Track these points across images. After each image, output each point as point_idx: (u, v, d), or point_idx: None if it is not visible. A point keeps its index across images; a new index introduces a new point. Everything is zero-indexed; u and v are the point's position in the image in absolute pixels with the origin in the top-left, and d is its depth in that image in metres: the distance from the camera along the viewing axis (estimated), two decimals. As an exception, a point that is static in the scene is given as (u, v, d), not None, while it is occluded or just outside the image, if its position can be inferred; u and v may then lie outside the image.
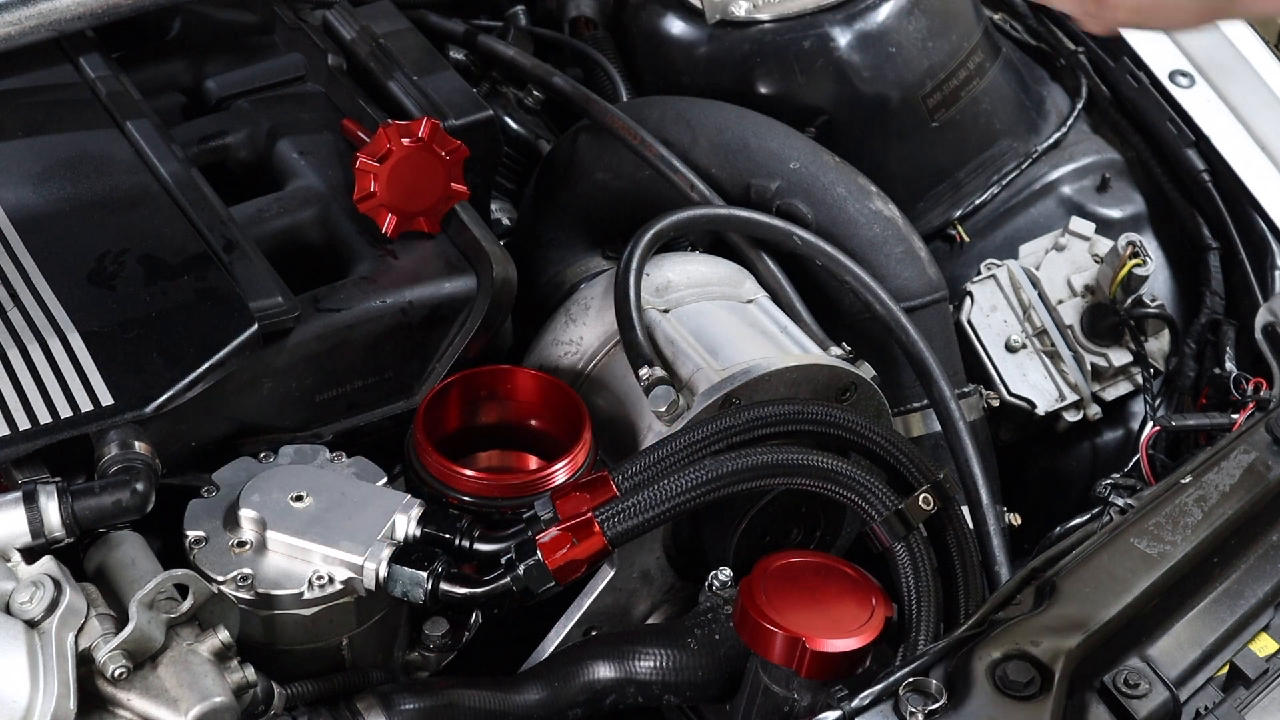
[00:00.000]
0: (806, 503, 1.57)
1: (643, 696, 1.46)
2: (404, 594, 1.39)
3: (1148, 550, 1.33)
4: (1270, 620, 1.34)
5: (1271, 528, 1.40)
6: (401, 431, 1.57)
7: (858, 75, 1.96)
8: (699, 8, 1.98)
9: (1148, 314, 1.96)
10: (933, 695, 1.21)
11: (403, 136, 1.61)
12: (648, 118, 1.85)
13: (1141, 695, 1.25)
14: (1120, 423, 2.01)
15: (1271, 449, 1.44)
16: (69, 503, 1.34)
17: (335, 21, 1.85)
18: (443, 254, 1.66)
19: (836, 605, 1.38)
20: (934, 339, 1.76)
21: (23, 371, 1.44)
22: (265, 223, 1.68)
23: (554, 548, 1.38)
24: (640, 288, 1.63)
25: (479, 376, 1.60)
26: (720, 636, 1.46)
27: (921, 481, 1.47)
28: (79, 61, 1.76)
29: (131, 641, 1.25)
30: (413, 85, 1.76)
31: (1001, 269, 1.97)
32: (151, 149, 1.66)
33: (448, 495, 1.49)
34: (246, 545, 1.41)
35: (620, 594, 1.55)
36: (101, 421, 1.41)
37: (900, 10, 1.98)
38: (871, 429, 1.50)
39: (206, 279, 1.54)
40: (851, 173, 1.81)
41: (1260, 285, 2.01)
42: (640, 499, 1.40)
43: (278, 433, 1.57)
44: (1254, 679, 1.31)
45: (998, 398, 1.91)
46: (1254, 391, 1.78)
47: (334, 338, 1.58)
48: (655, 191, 1.81)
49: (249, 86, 1.86)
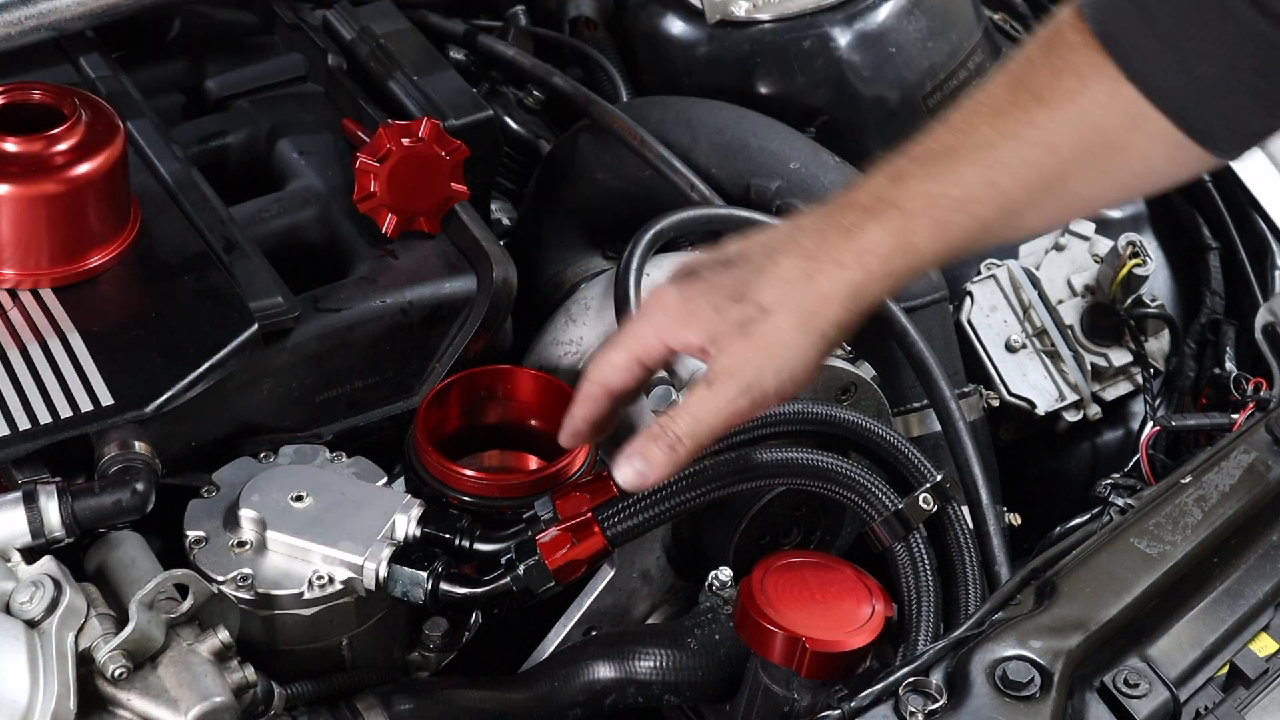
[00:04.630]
0: (806, 503, 1.57)
1: (643, 696, 1.46)
2: (404, 594, 1.39)
3: (1148, 550, 1.33)
4: (1270, 620, 1.35)
5: (1271, 528, 1.40)
6: (401, 431, 1.57)
7: (858, 75, 1.96)
8: (699, 8, 1.98)
9: (1148, 314, 1.96)
10: (933, 695, 1.21)
11: (403, 136, 1.61)
12: (648, 118, 1.85)
13: (1141, 695, 1.25)
14: (1120, 423, 2.01)
15: (1271, 449, 1.44)
16: (69, 503, 1.34)
17: (335, 21, 1.85)
18: (443, 254, 1.66)
19: (836, 605, 1.37)
20: (934, 339, 1.75)
21: (23, 371, 1.44)
22: (265, 223, 1.68)
23: (554, 548, 1.39)
24: (640, 288, 1.63)
25: (479, 376, 1.60)
26: (720, 636, 1.46)
27: (921, 482, 1.47)
28: (79, 61, 1.76)
29: (131, 641, 1.25)
30: (413, 85, 1.76)
31: (1001, 269, 1.97)
32: (151, 149, 1.66)
33: (448, 495, 1.49)
34: (246, 545, 1.41)
35: (620, 594, 1.55)
36: (101, 421, 1.41)
37: (900, 10, 1.97)
38: (871, 429, 1.50)
39: (206, 279, 1.54)
40: (851, 173, 1.81)
41: (1260, 285, 2.01)
42: (640, 499, 1.40)
43: (278, 433, 1.57)
44: (1254, 679, 1.31)
45: (998, 398, 1.91)
46: (1254, 391, 1.78)
47: (334, 338, 1.58)
48: (655, 191, 1.81)
49: (249, 86, 1.86)
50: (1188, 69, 1.20)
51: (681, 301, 1.29)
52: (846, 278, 1.24)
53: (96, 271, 1.52)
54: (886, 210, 1.25)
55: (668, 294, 1.31)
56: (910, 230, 1.24)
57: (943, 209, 1.24)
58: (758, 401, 1.27)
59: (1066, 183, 1.25)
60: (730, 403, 1.26)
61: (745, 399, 1.26)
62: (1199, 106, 1.21)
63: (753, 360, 1.25)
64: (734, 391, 1.26)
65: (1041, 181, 1.24)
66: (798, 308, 1.25)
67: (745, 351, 1.26)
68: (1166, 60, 1.20)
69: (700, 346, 1.28)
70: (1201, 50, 1.19)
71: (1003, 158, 1.24)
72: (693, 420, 1.27)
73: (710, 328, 1.27)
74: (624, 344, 1.33)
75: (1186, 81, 1.20)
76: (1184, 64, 1.20)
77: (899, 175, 1.26)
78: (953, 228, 1.25)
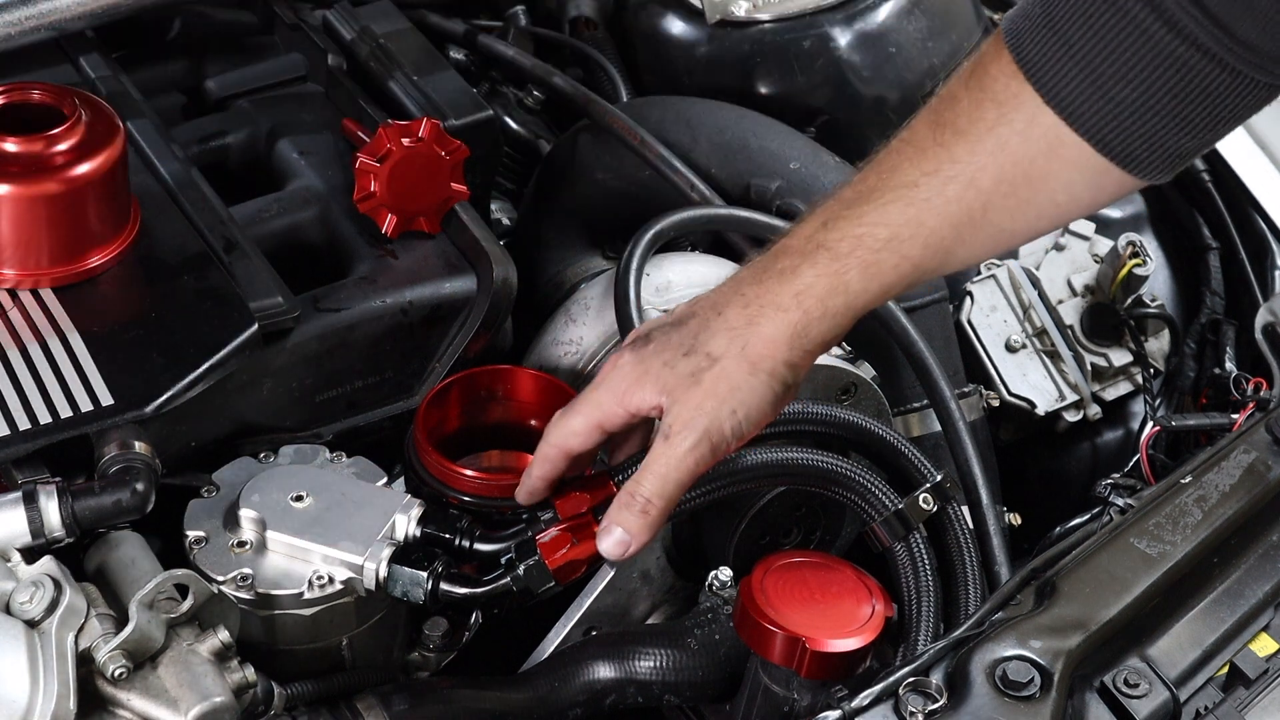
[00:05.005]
0: (806, 503, 1.57)
1: (643, 696, 1.46)
2: (404, 594, 1.39)
3: (1148, 550, 1.33)
4: (1270, 620, 1.35)
5: (1271, 528, 1.40)
6: (401, 431, 1.57)
7: (858, 75, 1.96)
8: (699, 8, 1.98)
9: (1148, 314, 1.96)
10: (933, 695, 1.21)
11: (403, 136, 1.61)
12: (648, 118, 1.85)
13: (1141, 695, 1.25)
14: (1120, 423, 2.01)
15: (1271, 449, 1.44)
16: (69, 503, 1.34)
17: (335, 21, 1.85)
18: (443, 254, 1.66)
19: (836, 605, 1.37)
20: (934, 339, 1.75)
21: (23, 371, 1.44)
22: (265, 223, 1.68)
23: (554, 548, 1.38)
24: (640, 288, 1.63)
25: (479, 376, 1.60)
26: (720, 636, 1.46)
27: (922, 482, 1.47)
28: (79, 61, 1.76)
29: (131, 641, 1.25)
30: (413, 85, 1.76)
31: (1001, 269, 1.97)
32: (151, 149, 1.66)
33: (448, 495, 1.49)
34: (246, 545, 1.41)
35: (620, 594, 1.55)
36: (101, 421, 1.41)
37: (900, 10, 1.98)
38: (871, 429, 1.50)
39: (206, 279, 1.54)
40: (851, 172, 1.81)
41: (1260, 285, 2.01)
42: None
43: (278, 433, 1.57)
44: (1254, 679, 1.31)
45: (998, 398, 1.91)
46: (1254, 391, 1.78)
47: (334, 338, 1.58)
48: (655, 191, 1.81)
49: (249, 86, 1.86)
50: (1106, 93, 1.21)
51: (636, 363, 1.33)
52: (786, 319, 1.28)
53: (96, 271, 1.52)
54: (817, 253, 1.28)
55: (623, 358, 1.35)
56: (842, 270, 1.28)
57: (870, 249, 1.27)
58: (717, 446, 1.29)
59: (989, 215, 1.27)
60: (689, 452, 1.29)
61: (705, 445, 1.29)
62: (1119, 130, 1.22)
63: (705, 407, 1.28)
64: (692, 440, 1.28)
65: (965, 216, 1.26)
66: (743, 351, 1.28)
67: (698, 400, 1.28)
68: (1085, 84, 1.21)
69: (655, 405, 1.31)
70: (1119, 74, 1.20)
71: (924, 195, 1.26)
72: (656, 479, 1.30)
73: (663, 382, 1.30)
74: (583, 411, 1.36)
75: (1105, 105, 1.21)
76: (1102, 88, 1.21)
77: (829, 219, 1.30)
78: (882, 266, 1.28)
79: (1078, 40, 1.21)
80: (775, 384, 1.29)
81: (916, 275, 1.29)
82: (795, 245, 1.30)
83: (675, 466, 1.29)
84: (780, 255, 1.31)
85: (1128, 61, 1.20)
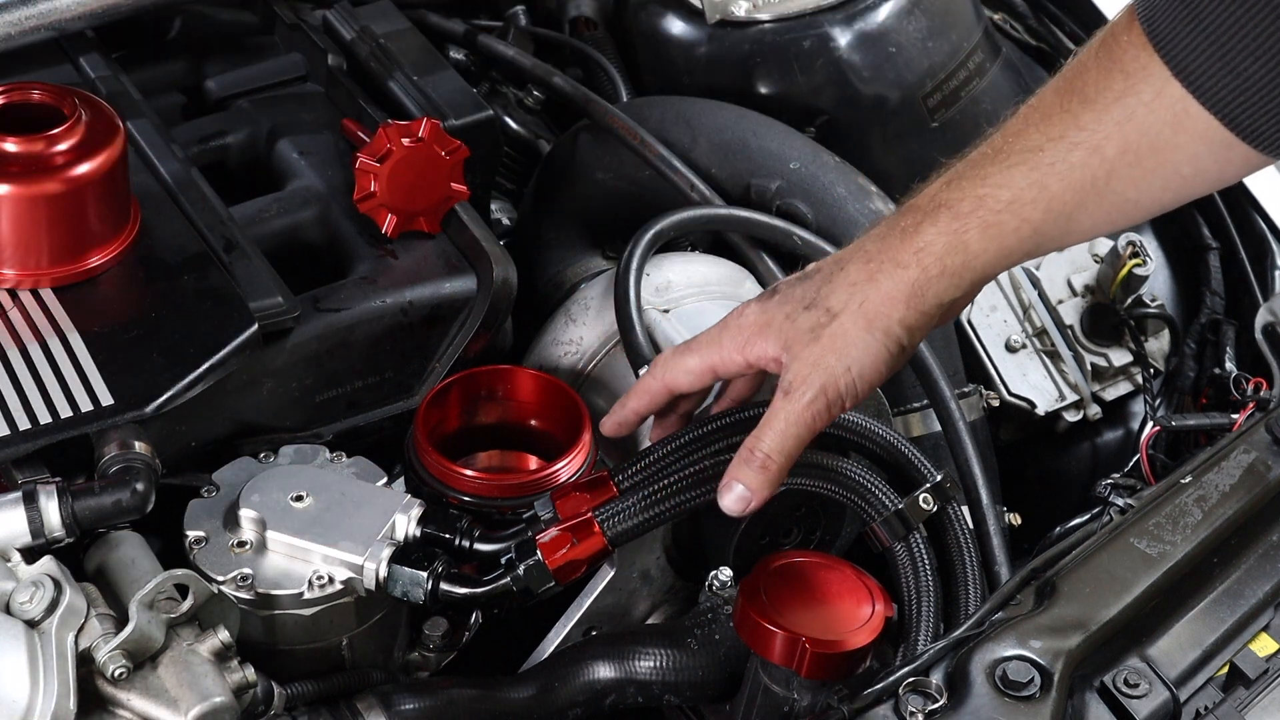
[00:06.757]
0: (806, 503, 1.57)
1: (643, 696, 1.46)
2: (404, 594, 1.39)
3: (1148, 550, 1.34)
4: (1270, 620, 1.35)
5: (1271, 528, 1.40)
6: (401, 431, 1.57)
7: (858, 75, 1.96)
8: (699, 8, 1.98)
9: (1148, 314, 1.96)
10: (933, 695, 1.22)
11: (403, 136, 1.61)
12: (648, 118, 1.85)
13: (1141, 695, 1.25)
14: (1120, 423, 2.01)
15: (1271, 449, 1.44)
16: (69, 503, 1.34)
17: (335, 21, 1.85)
18: (443, 254, 1.66)
19: (836, 605, 1.37)
20: (934, 339, 1.75)
21: (23, 371, 1.44)
22: (265, 223, 1.68)
23: (554, 548, 1.38)
24: (640, 288, 1.63)
25: (479, 376, 1.60)
26: (720, 636, 1.46)
27: (922, 482, 1.47)
28: (79, 61, 1.76)
29: (131, 641, 1.25)
30: (413, 85, 1.76)
31: (1001, 269, 1.97)
32: (151, 149, 1.66)
33: (448, 495, 1.49)
34: (246, 545, 1.41)
35: (620, 594, 1.55)
36: (101, 421, 1.41)
37: (900, 10, 1.97)
38: (872, 429, 1.50)
39: (206, 279, 1.54)
40: (851, 173, 1.81)
41: (1260, 285, 2.01)
42: (640, 499, 1.40)
43: (278, 433, 1.57)
44: (1254, 679, 1.31)
45: (998, 398, 1.91)
46: (1254, 391, 1.78)
47: (334, 338, 1.58)
48: (655, 191, 1.81)
49: (249, 86, 1.86)
50: (1235, 68, 1.20)
51: (760, 313, 1.37)
52: (905, 276, 1.30)
53: (96, 271, 1.52)
54: (939, 211, 1.30)
55: (749, 308, 1.38)
56: (962, 230, 1.29)
57: (991, 210, 1.28)
58: (833, 402, 1.32)
59: (1112, 184, 1.27)
60: (807, 407, 1.32)
61: (821, 401, 1.32)
62: (1247, 105, 1.21)
63: (823, 362, 1.31)
64: (810, 395, 1.32)
65: (1089, 183, 1.27)
66: (861, 307, 1.31)
67: (816, 355, 1.31)
68: (1214, 59, 1.21)
69: (775, 358, 1.34)
70: (1249, 49, 1.19)
71: (1049, 159, 1.27)
72: (776, 435, 1.33)
73: (784, 336, 1.34)
74: (702, 351, 1.39)
75: (1233, 80, 1.21)
76: (1231, 63, 1.20)
77: (953, 178, 1.31)
78: (1003, 228, 1.29)
79: (1209, 14, 1.21)
80: (890, 343, 1.32)
81: (1036, 241, 1.30)
82: (919, 204, 1.32)
83: (794, 422, 1.32)
84: (905, 213, 1.33)
85: (1258, 37, 1.19)
